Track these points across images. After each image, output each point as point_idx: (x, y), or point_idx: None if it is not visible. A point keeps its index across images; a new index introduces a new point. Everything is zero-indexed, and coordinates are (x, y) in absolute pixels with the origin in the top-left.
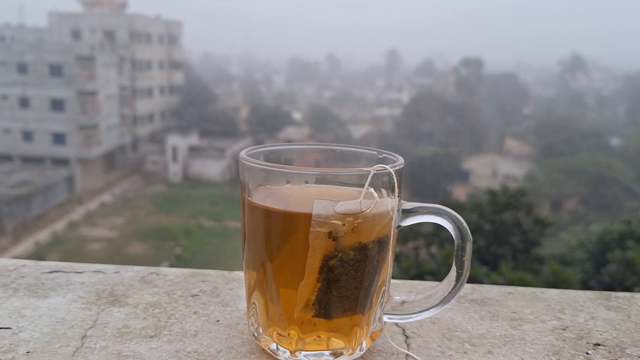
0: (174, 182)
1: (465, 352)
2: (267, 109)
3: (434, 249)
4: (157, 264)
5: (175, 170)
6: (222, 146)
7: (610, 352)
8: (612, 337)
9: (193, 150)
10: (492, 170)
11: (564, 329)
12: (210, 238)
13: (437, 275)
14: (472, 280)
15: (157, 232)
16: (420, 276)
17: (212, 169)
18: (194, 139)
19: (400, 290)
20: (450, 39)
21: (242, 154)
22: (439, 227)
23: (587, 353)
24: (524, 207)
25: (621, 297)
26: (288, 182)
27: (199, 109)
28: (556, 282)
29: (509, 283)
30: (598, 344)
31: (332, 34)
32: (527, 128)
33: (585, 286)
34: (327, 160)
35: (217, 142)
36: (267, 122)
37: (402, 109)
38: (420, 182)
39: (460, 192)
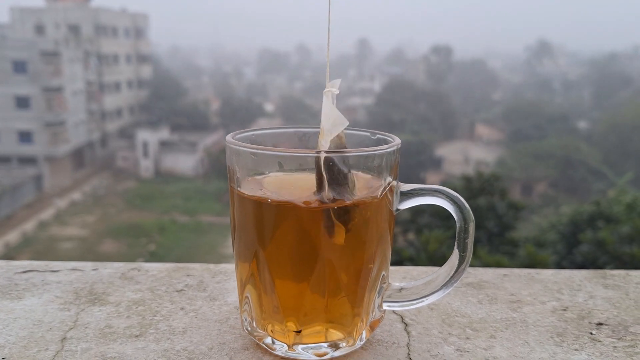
0: (146, 178)
1: (467, 338)
2: (238, 101)
3: (411, 236)
4: (131, 261)
5: (146, 166)
6: (193, 140)
7: (614, 331)
8: (614, 316)
9: (164, 144)
10: (463, 156)
11: (565, 310)
12: (184, 233)
13: (417, 262)
14: None
15: (129, 229)
16: (399, 263)
17: (184, 163)
18: (164, 134)
19: (394, 276)
20: (419, 27)
21: (229, 137)
22: (415, 213)
23: (591, 333)
24: (498, 192)
25: (616, 274)
26: (281, 167)
27: (168, 103)
28: (532, 264)
29: (486, 266)
30: (601, 324)
31: (300, 24)
32: (496, 114)
33: (559, 267)
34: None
35: (188, 135)
36: (239, 114)
37: (374, 98)
38: None
39: (433, 179)
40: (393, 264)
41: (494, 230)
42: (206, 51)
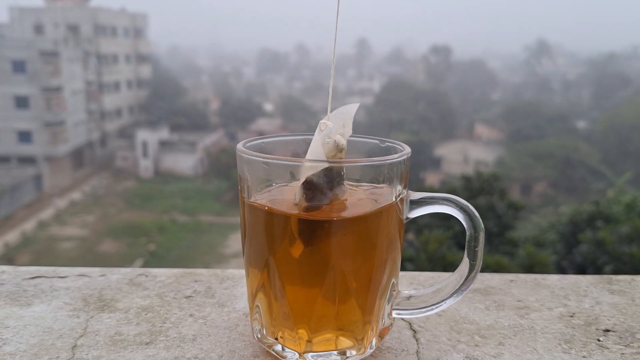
0: (145, 178)
1: (476, 345)
2: (237, 101)
3: (410, 236)
4: (130, 261)
5: (145, 166)
6: (193, 140)
7: (621, 337)
8: (621, 322)
9: (163, 144)
10: (463, 156)
11: (572, 316)
12: (184, 233)
13: (416, 262)
14: (450, 266)
15: (129, 229)
16: None
17: (183, 163)
18: (164, 133)
19: (400, 282)
20: (418, 26)
21: (240, 146)
22: None
23: (599, 340)
24: (497, 192)
25: (622, 280)
26: (292, 176)
27: (168, 103)
28: (532, 265)
29: (486, 267)
30: (608, 330)
31: (299, 24)
32: (495, 114)
33: (558, 267)
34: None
35: (188, 135)
36: (238, 114)
37: (373, 98)
38: None
39: (432, 179)
40: None
41: (494, 230)
42: (205, 51)
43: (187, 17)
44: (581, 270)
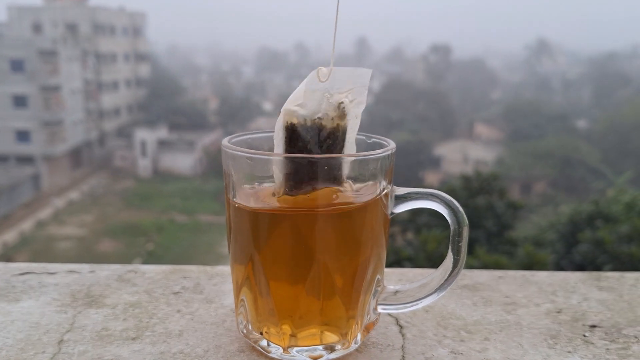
0: (144, 177)
1: (462, 340)
2: (236, 100)
3: (409, 235)
4: (129, 261)
5: (144, 165)
6: (191, 139)
7: (607, 333)
8: (607, 318)
9: (162, 144)
10: (462, 155)
11: (559, 312)
12: (182, 233)
13: (415, 261)
14: None
15: (127, 229)
16: (398, 263)
17: (182, 162)
18: (162, 133)
19: (390, 278)
20: (418, 25)
21: (225, 141)
22: (414, 212)
23: (585, 335)
24: (497, 191)
25: (611, 276)
26: (276, 171)
27: (166, 102)
28: (531, 264)
29: (485, 266)
30: (594, 326)
31: (299, 22)
32: (495, 113)
33: (557, 266)
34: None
35: (187, 135)
36: (237, 113)
37: (373, 97)
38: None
39: (432, 179)
40: (391, 264)
41: (493, 229)
42: (204, 50)
43: (186, 16)
44: (580, 269)
